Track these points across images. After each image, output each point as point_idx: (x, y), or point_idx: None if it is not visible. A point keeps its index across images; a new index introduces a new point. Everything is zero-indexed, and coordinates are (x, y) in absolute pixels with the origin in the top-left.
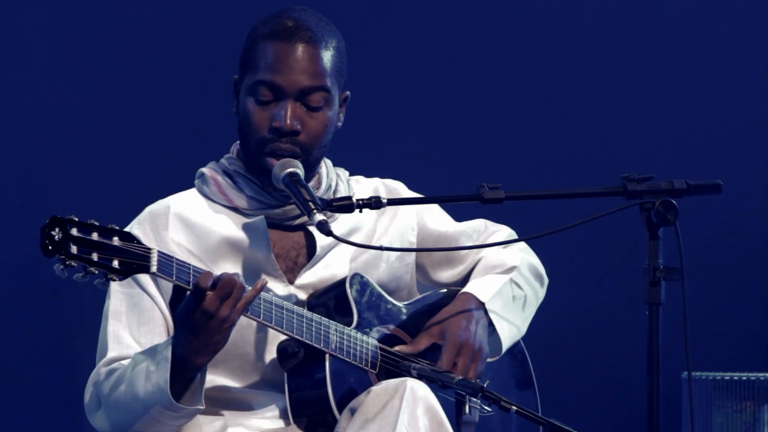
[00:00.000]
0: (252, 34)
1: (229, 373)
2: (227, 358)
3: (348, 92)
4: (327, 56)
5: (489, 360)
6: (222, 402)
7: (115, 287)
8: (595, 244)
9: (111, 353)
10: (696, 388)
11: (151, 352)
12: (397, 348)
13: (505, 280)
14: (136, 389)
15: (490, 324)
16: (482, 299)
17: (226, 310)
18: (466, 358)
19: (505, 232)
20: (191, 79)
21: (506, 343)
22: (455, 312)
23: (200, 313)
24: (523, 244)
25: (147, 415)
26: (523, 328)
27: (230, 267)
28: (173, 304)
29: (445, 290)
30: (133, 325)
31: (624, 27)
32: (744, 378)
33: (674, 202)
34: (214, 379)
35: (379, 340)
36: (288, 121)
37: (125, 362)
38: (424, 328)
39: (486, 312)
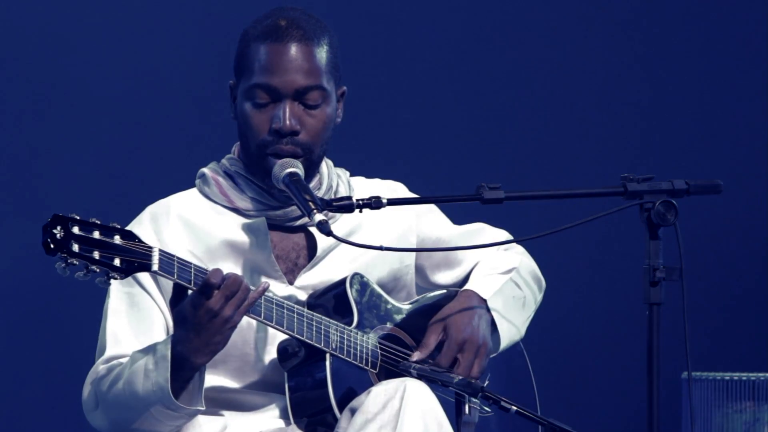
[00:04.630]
0: (244, 37)
1: (229, 373)
2: (227, 358)
3: (345, 87)
4: (320, 53)
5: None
6: (222, 402)
7: (115, 286)
8: (595, 244)
9: (109, 351)
10: (696, 388)
11: (149, 350)
12: (414, 358)
13: (506, 280)
14: (135, 387)
15: (492, 322)
16: (484, 296)
17: (229, 310)
18: (469, 354)
19: (503, 236)
20: (192, 78)
21: (505, 342)
22: (458, 309)
23: (204, 312)
24: (521, 248)
25: (146, 413)
26: (523, 330)
27: (230, 268)
28: (174, 303)
29: (444, 291)
30: (133, 324)
31: (624, 27)
32: (744, 378)
33: (674, 202)
34: (213, 379)
35: (380, 340)
36: (287, 122)
37: (123, 360)
38: (427, 326)
39: (488, 309)
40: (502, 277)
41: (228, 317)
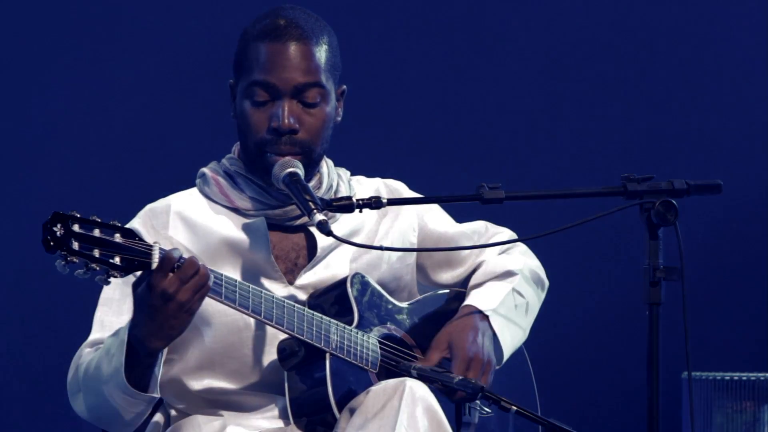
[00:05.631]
0: (243, 36)
1: (228, 374)
2: (226, 360)
3: (344, 86)
4: (319, 52)
5: None
6: (221, 403)
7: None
8: (595, 244)
9: (93, 335)
10: (696, 388)
11: (116, 333)
12: (417, 366)
13: (508, 290)
14: (101, 371)
15: (494, 335)
16: (486, 311)
17: (185, 294)
18: (476, 372)
19: (505, 234)
20: (192, 77)
21: (508, 353)
22: (461, 326)
23: (159, 294)
24: (523, 247)
25: (109, 397)
26: (527, 332)
27: (229, 268)
28: (135, 286)
29: (446, 291)
30: (122, 312)
31: (624, 27)
32: (744, 378)
33: (674, 202)
34: (213, 380)
35: (380, 340)
36: (285, 120)
37: None
38: (431, 343)
39: (490, 323)
40: (504, 287)
41: (183, 302)
